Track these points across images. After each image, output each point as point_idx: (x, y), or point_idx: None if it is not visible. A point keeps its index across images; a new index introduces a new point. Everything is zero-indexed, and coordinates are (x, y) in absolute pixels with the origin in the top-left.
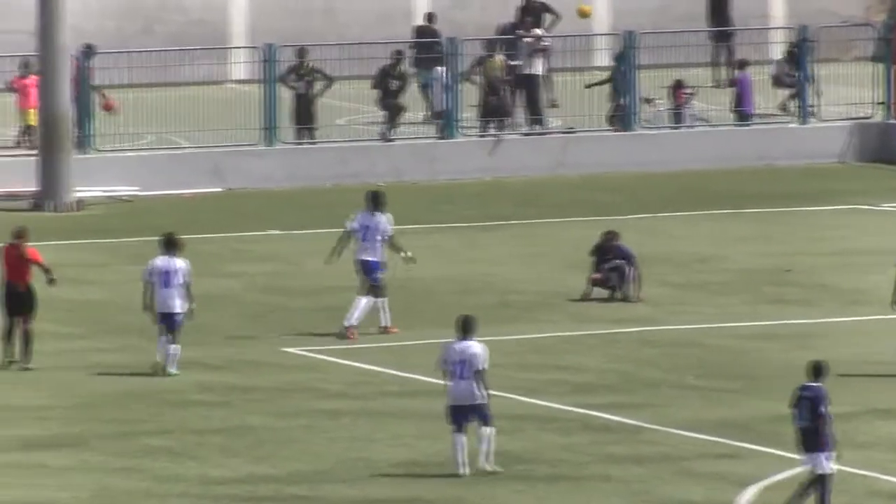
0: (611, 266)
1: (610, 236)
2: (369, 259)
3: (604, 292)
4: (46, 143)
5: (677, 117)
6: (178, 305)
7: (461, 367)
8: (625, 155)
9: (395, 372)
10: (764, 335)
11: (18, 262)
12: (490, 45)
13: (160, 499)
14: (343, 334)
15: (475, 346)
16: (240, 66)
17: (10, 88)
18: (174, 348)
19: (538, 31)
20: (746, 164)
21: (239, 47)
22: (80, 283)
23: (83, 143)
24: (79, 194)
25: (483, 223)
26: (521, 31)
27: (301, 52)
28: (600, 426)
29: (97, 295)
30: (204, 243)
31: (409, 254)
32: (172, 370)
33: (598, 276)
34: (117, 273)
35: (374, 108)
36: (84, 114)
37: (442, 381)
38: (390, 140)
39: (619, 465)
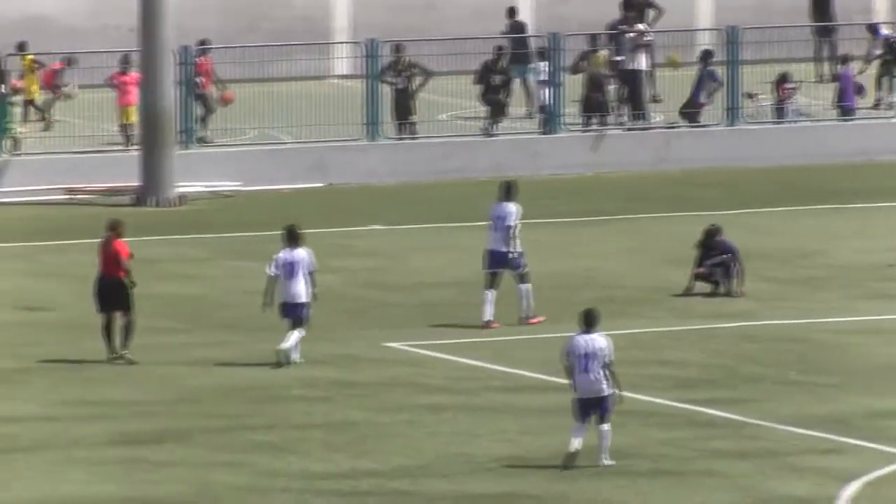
0: (714, 261)
1: (714, 231)
2: (498, 249)
3: (706, 287)
4: (148, 138)
5: (779, 112)
6: (304, 295)
7: (586, 361)
8: (727, 150)
9: (497, 367)
10: (865, 330)
11: (109, 255)
12: (593, 40)
13: (262, 494)
14: (522, 321)
15: (600, 340)
16: (342, 62)
17: (110, 85)
18: (297, 334)
19: (641, 27)
20: (848, 160)
21: (341, 42)
22: (181, 279)
23: (186, 138)
24: (181, 189)
25: (585, 218)
26: (623, 27)
27: (398, 47)
28: (703, 421)
29: (199, 290)
30: (306, 239)
31: (513, 251)
32: (296, 357)
33: (701, 270)
34: (219, 268)
35: (476, 103)
36: (188, 109)
37: (565, 380)
38: (492, 135)
39: (723, 461)
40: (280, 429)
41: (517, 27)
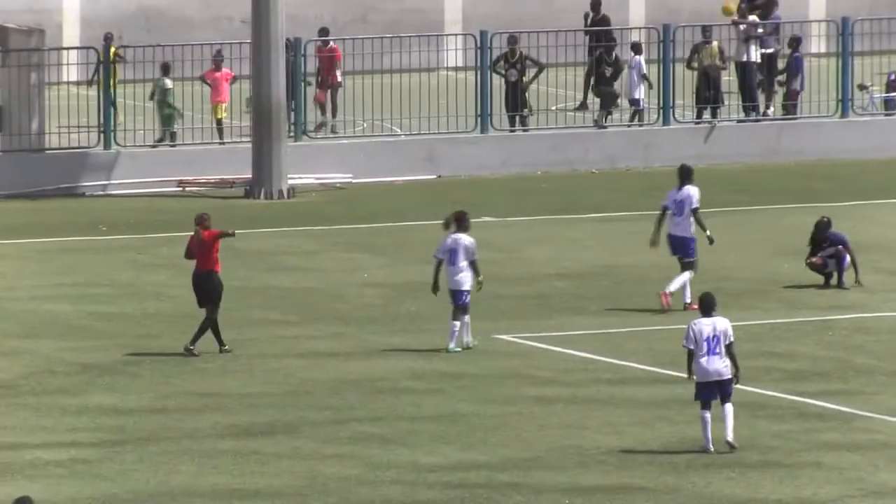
0: (827, 253)
1: (824, 224)
2: (680, 235)
3: (819, 279)
4: (260, 130)
5: (893, 104)
6: (466, 283)
7: (715, 344)
8: (840, 141)
9: (607, 359)
10: None
11: (201, 247)
12: (706, 31)
13: (373, 486)
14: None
15: (723, 322)
16: (453, 53)
17: (204, 81)
18: (466, 319)
19: (753, 18)
20: None
21: (453, 34)
22: (292, 271)
23: (297, 130)
24: (291, 182)
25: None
26: (735, 18)
27: (511, 39)
28: (813, 413)
29: (309, 282)
30: (416, 230)
31: (710, 234)
32: (469, 339)
33: (816, 260)
34: (329, 260)
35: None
36: (299, 101)
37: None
38: (604, 127)
39: (833, 453)
40: (389, 420)
41: (603, 21)
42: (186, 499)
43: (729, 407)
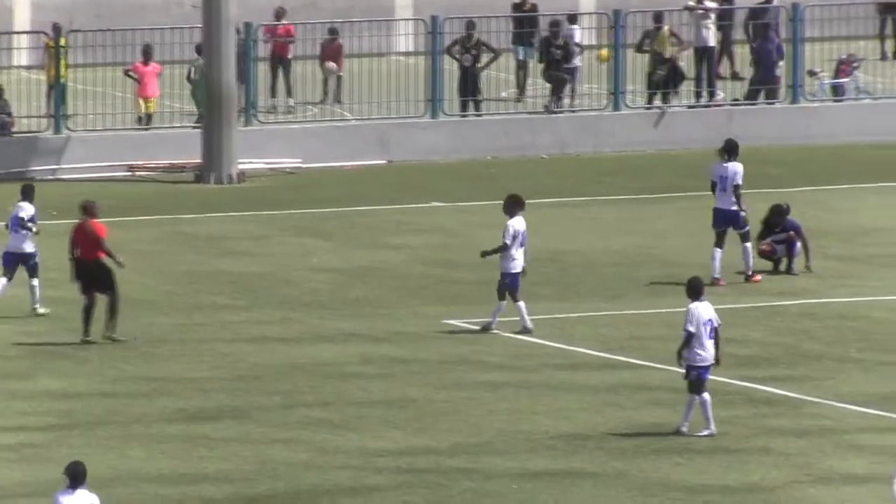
0: (778, 238)
1: (781, 209)
2: (726, 208)
3: (768, 265)
4: (210, 115)
5: (841, 90)
6: (519, 266)
7: (708, 329)
8: (790, 128)
9: (556, 344)
10: None
11: (85, 237)
12: (658, 16)
13: (321, 470)
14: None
15: (711, 307)
16: (405, 39)
17: (130, 76)
18: (521, 305)
19: (709, 3)
20: None
21: (404, 19)
22: (241, 255)
23: (247, 115)
24: (241, 166)
25: (647, 196)
26: (691, 3)
27: (469, 24)
28: (762, 399)
29: (259, 267)
30: (366, 215)
31: (746, 209)
32: (528, 324)
33: (765, 247)
34: (279, 245)
35: (539, 80)
36: (249, 86)
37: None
38: (554, 112)
39: (781, 439)
40: (338, 405)
41: (533, 8)
42: (135, 483)
43: (707, 397)
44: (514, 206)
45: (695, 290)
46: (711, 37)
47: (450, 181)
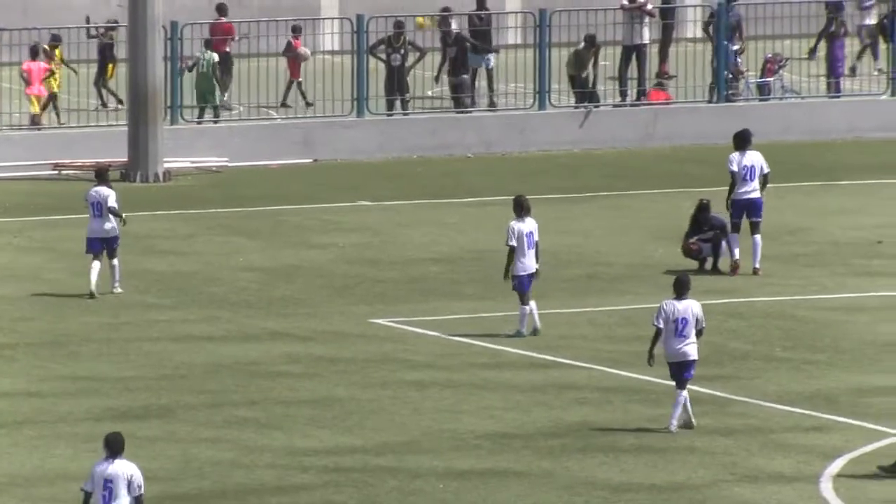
0: (704, 237)
1: (704, 206)
2: (754, 197)
3: (693, 263)
4: (136, 114)
5: (766, 89)
6: (533, 266)
7: (683, 325)
8: (714, 126)
9: (482, 343)
10: (852, 307)
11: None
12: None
13: (247, 469)
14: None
15: (696, 305)
16: (330, 37)
17: (21, 76)
18: (532, 305)
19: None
20: (836, 137)
21: (329, 18)
22: (168, 254)
23: (173, 114)
24: (167, 165)
25: (573, 195)
26: (625, 2)
27: (398, 24)
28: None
29: (185, 266)
30: (292, 214)
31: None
32: (538, 325)
33: (692, 245)
34: (205, 244)
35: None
36: (174, 85)
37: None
38: (467, 111)
39: (706, 437)
40: (265, 404)
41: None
42: (62, 482)
43: (684, 394)
44: (517, 207)
45: (676, 287)
46: (645, 35)
47: (376, 180)
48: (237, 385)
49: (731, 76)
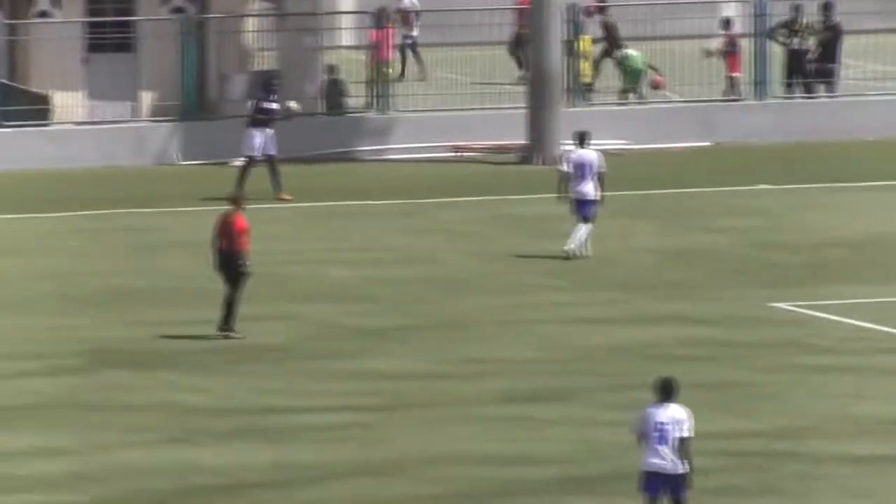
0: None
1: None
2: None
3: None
4: (536, 96)
5: None
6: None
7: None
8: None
9: (885, 329)
10: None
11: (229, 230)
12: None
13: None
14: None
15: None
16: (733, 20)
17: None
18: (585, 229)
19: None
20: None
21: (730, 1)
22: (562, 238)
23: (572, 96)
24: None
25: None
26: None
27: (796, 8)
28: None
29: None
30: (692, 198)
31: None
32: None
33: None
34: (602, 226)
35: None
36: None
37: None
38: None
39: None
40: None
41: None
42: (458, 464)
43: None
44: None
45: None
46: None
47: (775, 163)
48: (635, 368)
49: None
